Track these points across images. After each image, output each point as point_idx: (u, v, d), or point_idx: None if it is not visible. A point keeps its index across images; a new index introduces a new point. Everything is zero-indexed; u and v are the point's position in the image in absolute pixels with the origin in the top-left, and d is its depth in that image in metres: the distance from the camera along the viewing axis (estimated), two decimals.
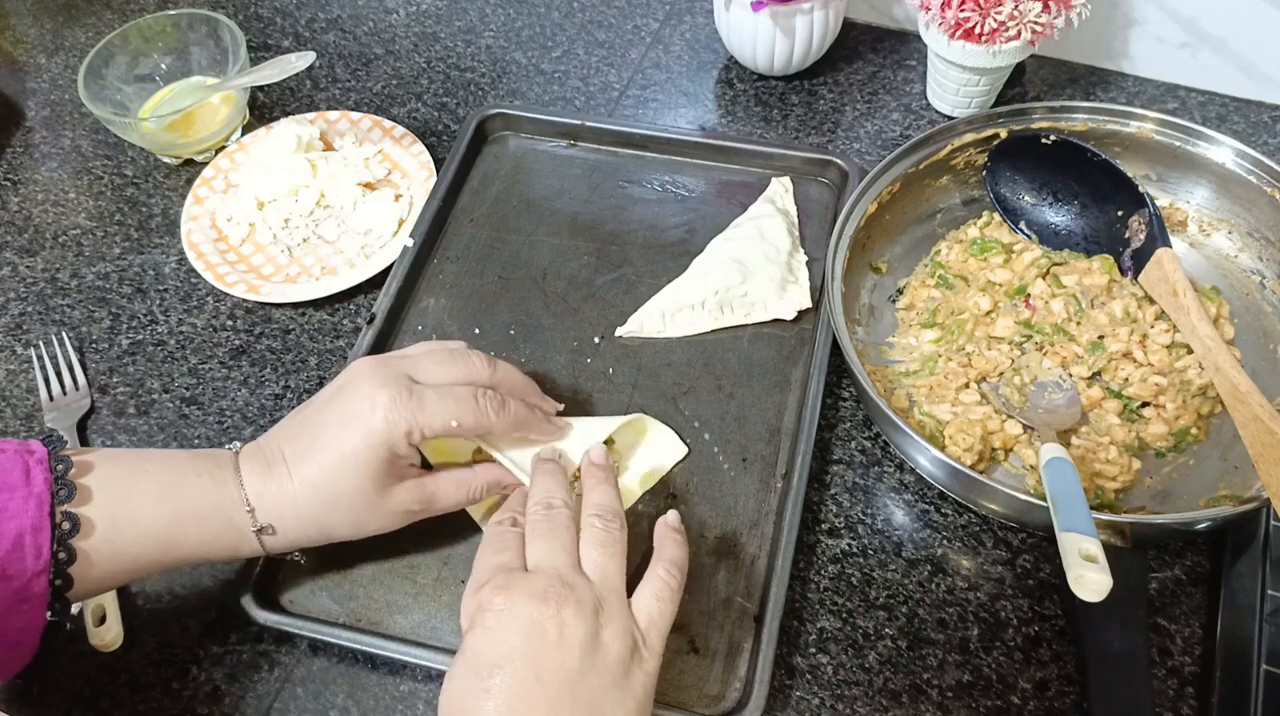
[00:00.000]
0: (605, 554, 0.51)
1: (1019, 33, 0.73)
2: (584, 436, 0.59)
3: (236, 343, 0.73)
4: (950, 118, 0.82)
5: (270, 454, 0.53)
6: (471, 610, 0.49)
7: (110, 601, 0.59)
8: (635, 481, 0.63)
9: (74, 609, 0.59)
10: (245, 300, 0.74)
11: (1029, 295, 0.67)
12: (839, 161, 0.76)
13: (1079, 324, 0.66)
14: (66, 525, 0.48)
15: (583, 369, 0.69)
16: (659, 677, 0.49)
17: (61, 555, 0.48)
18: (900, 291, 0.71)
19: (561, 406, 0.62)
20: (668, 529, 0.54)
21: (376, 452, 0.52)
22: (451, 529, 0.62)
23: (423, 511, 0.56)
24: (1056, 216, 0.71)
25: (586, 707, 0.45)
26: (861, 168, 0.74)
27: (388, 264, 0.73)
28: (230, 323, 0.74)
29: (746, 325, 0.70)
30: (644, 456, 0.63)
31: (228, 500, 0.52)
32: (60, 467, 0.50)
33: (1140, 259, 0.67)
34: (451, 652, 0.56)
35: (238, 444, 0.55)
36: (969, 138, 0.70)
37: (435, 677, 0.58)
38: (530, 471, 0.56)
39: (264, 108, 0.87)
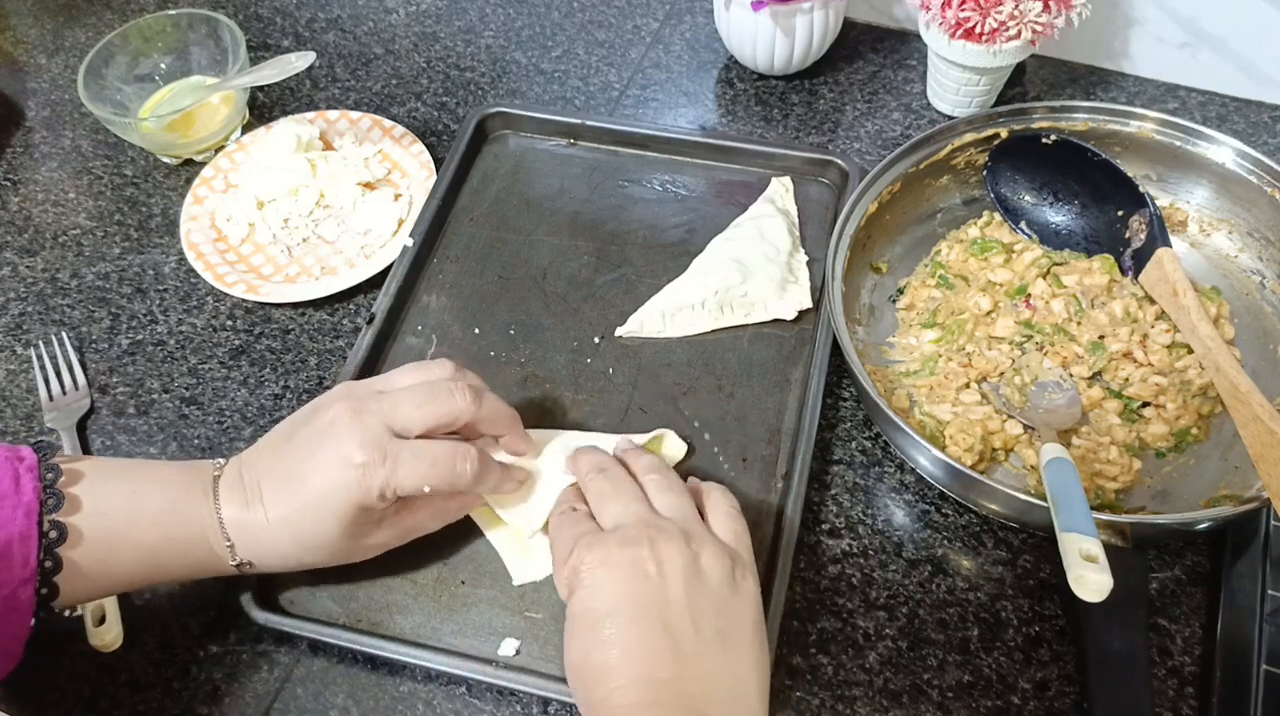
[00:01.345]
0: (674, 494, 0.52)
1: (1019, 32, 0.73)
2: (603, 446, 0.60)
3: (236, 343, 0.73)
4: (950, 117, 0.82)
5: (249, 487, 0.53)
6: (566, 577, 0.49)
7: (110, 601, 0.59)
8: None
9: (77, 611, 0.59)
10: (245, 300, 0.74)
11: (1029, 295, 0.67)
12: (839, 161, 0.76)
13: (1079, 324, 0.66)
14: (54, 534, 0.48)
15: (583, 369, 0.69)
16: None
17: (48, 563, 0.48)
18: (900, 291, 0.71)
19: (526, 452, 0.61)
20: (693, 481, 0.56)
21: (350, 508, 0.52)
22: (452, 529, 0.62)
23: (402, 542, 0.57)
24: (1057, 216, 0.71)
25: (709, 629, 0.46)
26: (861, 167, 0.74)
27: (388, 264, 0.73)
28: (230, 323, 0.74)
29: (746, 325, 0.70)
30: None
31: (210, 536, 0.52)
32: (50, 476, 0.50)
33: (1140, 259, 0.67)
34: (452, 653, 0.56)
35: (222, 461, 0.55)
36: (969, 137, 0.70)
37: (435, 678, 0.58)
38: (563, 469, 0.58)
39: (264, 107, 0.87)
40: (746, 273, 0.69)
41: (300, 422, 0.55)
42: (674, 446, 0.64)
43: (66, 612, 0.59)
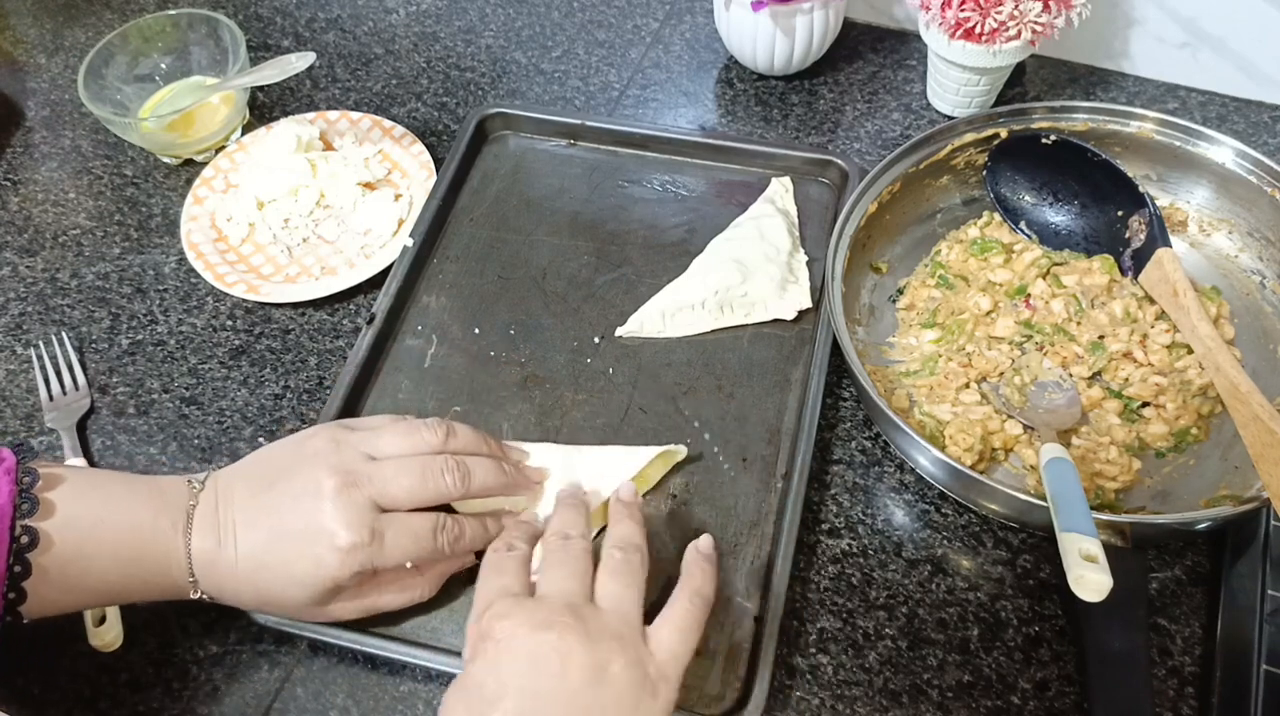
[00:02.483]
0: (621, 583, 0.49)
1: (1019, 32, 0.73)
2: (610, 469, 0.60)
3: (236, 343, 0.73)
4: (950, 117, 0.82)
5: (223, 525, 0.52)
6: (473, 638, 0.47)
7: None
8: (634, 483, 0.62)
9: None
10: (245, 300, 0.74)
11: (1029, 295, 0.67)
12: (839, 161, 0.76)
13: (1079, 324, 0.66)
14: (25, 538, 0.48)
15: (583, 369, 0.69)
16: None
17: (17, 568, 0.48)
18: (900, 291, 0.71)
19: (546, 472, 0.61)
20: (698, 555, 0.52)
21: (322, 584, 0.51)
22: None
23: (363, 616, 0.55)
24: (1057, 216, 0.71)
25: None
26: (861, 168, 0.74)
27: (388, 264, 0.73)
28: (230, 323, 0.74)
29: (746, 325, 0.70)
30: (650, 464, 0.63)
31: (175, 565, 0.52)
32: (27, 480, 0.49)
33: (1140, 259, 0.67)
34: (451, 653, 0.56)
35: (199, 485, 0.53)
36: (969, 137, 0.70)
37: (435, 677, 0.58)
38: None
39: (264, 107, 0.87)
40: (746, 273, 0.69)
41: (284, 468, 0.53)
42: (679, 456, 0.63)
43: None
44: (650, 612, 0.49)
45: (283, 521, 0.51)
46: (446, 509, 0.56)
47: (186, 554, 0.51)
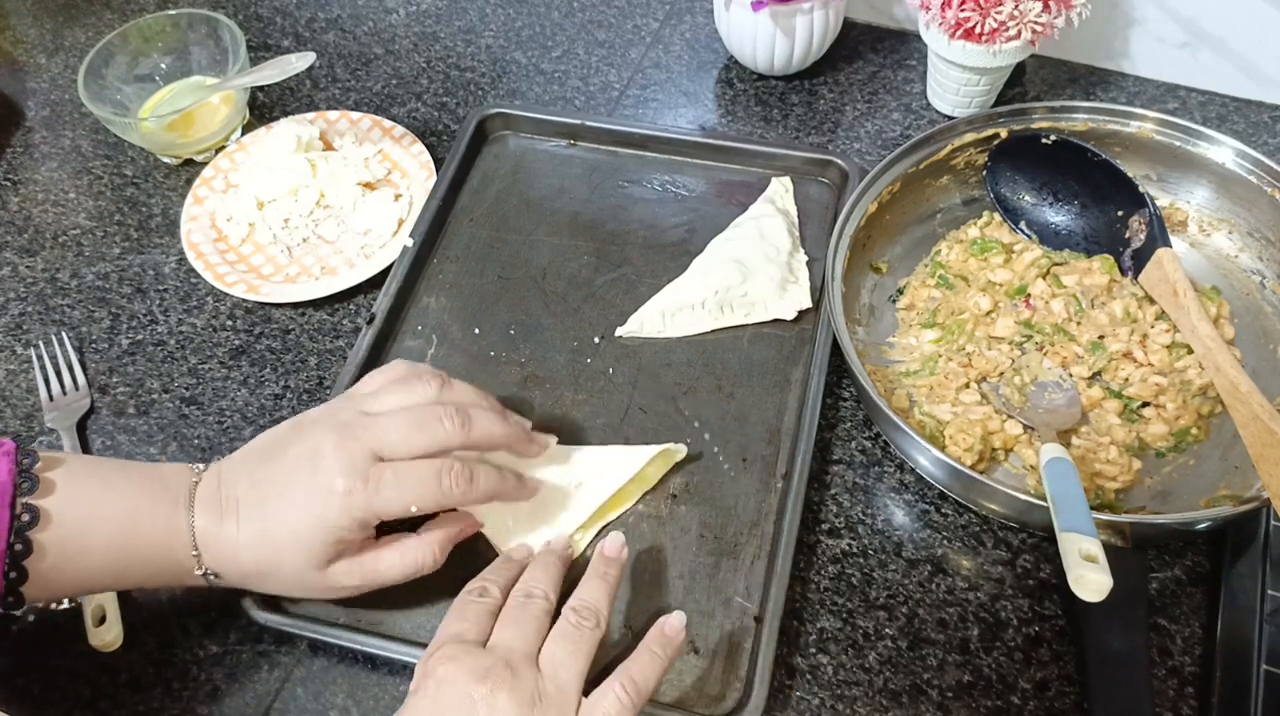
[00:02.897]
0: (566, 650, 0.49)
1: (1019, 32, 0.73)
2: (610, 469, 0.61)
3: (236, 343, 0.73)
4: (950, 117, 0.82)
5: (225, 501, 0.53)
6: (419, 674, 0.48)
7: (110, 601, 0.59)
8: (634, 483, 0.62)
9: (64, 604, 0.59)
10: (245, 300, 0.74)
11: (1029, 295, 0.67)
12: (839, 161, 0.76)
13: (1079, 324, 0.66)
14: (26, 516, 0.48)
15: (583, 369, 0.69)
16: None
17: (18, 546, 0.48)
18: (900, 291, 0.71)
19: (553, 438, 0.61)
20: (657, 634, 0.51)
21: (323, 538, 0.52)
22: None
23: (365, 588, 0.55)
24: (1056, 216, 0.71)
25: None
26: (861, 167, 0.74)
27: (388, 264, 0.73)
28: (230, 323, 0.74)
29: (746, 325, 0.70)
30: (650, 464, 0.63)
31: (178, 542, 0.52)
32: (26, 462, 0.50)
33: (1140, 259, 0.67)
34: None
35: (202, 467, 0.55)
36: (969, 137, 0.70)
37: None
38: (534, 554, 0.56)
39: (264, 107, 0.87)
40: (746, 273, 0.69)
41: (283, 441, 0.54)
42: (679, 455, 0.63)
43: (58, 605, 0.59)
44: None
45: (283, 484, 0.52)
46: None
47: (190, 531, 0.52)
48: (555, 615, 0.51)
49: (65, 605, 0.60)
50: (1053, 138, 0.69)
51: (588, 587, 0.52)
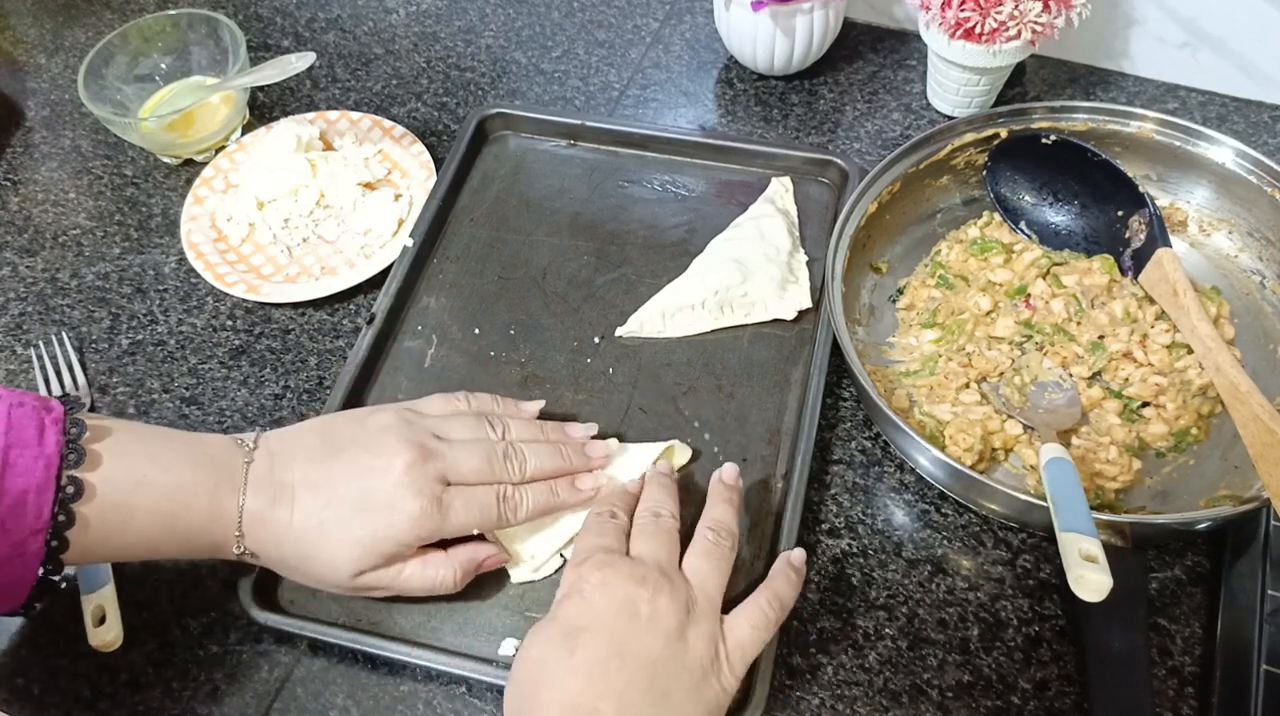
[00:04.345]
0: (709, 563, 0.52)
1: (1019, 32, 0.73)
2: (630, 462, 0.61)
3: (236, 342, 0.73)
4: (950, 117, 0.82)
5: (281, 485, 0.53)
6: (570, 581, 0.50)
7: (110, 601, 0.59)
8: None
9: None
10: (245, 300, 0.74)
11: (1029, 295, 0.67)
12: (839, 161, 0.76)
13: (1079, 324, 0.66)
14: (71, 489, 0.48)
15: (583, 369, 0.69)
16: None
17: (61, 517, 0.48)
18: (900, 291, 0.71)
19: (613, 443, 0.62)
20: (786, 565, 0.54)
21: (381, 550, 0.53)
22: None
23: (381, 594, 0.56)
24: (1056, 216, 0.71)
25: (659, 693, 0.46)
26: (861, 167, 0.74)
27: (388, 264, 0.73)
28: (230, 323, 0.74)
29: (746, 325, 0.70)
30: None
31: (223, 521, 0.52)
32: (74, 431, 0.50)
33: (1140, 259, 0.67)
34: (452, 653, 0.56)
35: (250, 443, 0.55)
36: (969, 137, 0.70)
37: (435, 677, 0.58)
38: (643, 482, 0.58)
39: (264, 107, 0.87)
40: (746, 273, 0.69)
41: (347, 437, 0.55)
42: (680, 454, 0.64)
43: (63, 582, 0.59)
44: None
45: (350, 487, 0.53)
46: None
47: (239, 511, 0.52)
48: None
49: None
50: (1053, 138, 0.69)
51: (718, 509, 0.55)
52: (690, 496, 0.62)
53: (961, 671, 0.57)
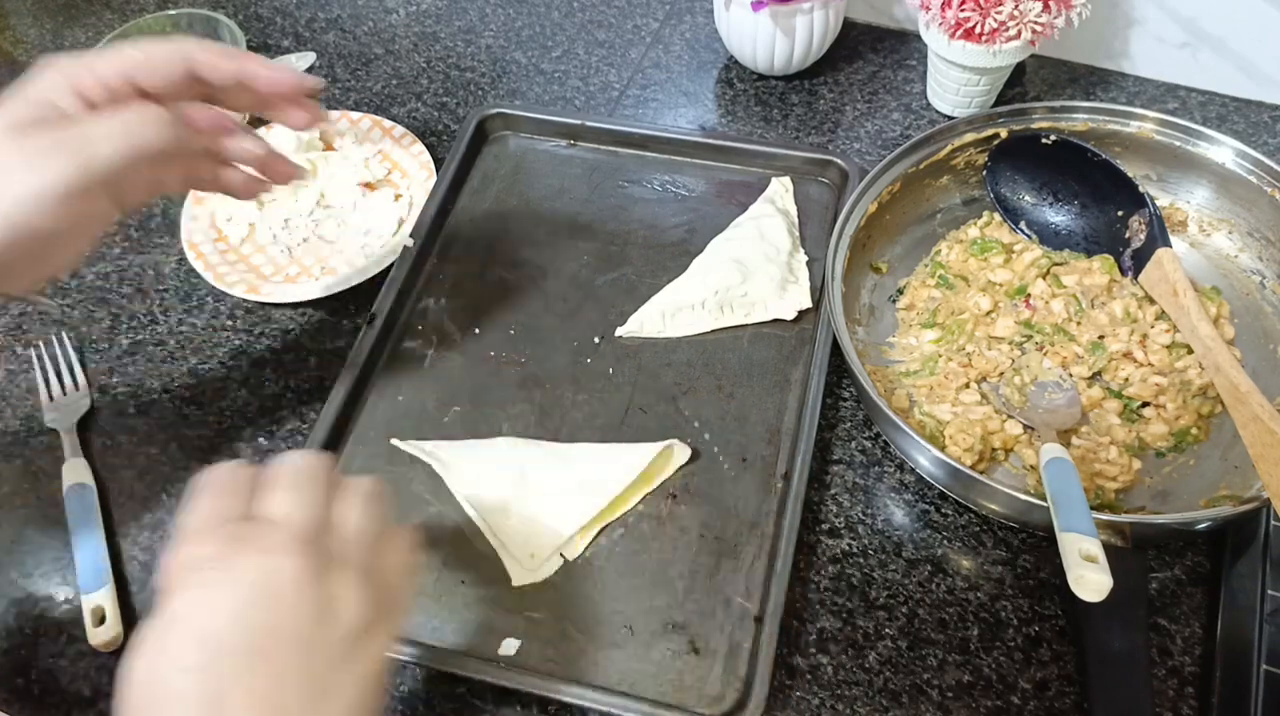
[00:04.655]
0: (362, 512, 0.42)
1: (1019, 32, 0.73)
2: (611, 468, 0.61)
3: (236, 342, 0.73)
4: (950, 117, 0.82)
5: None
6: (175, 567, 0.39)
7: (110, 601, 0.59)
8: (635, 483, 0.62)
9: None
10: (245, 300, 0.74)
11: (1029, 295, 0.67)
12: (839, 161, 0.76)
13: (1079, 324, 0.66)
14: None
15: (583, 369, 0.69)
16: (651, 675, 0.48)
17: None
18: (900, 291, 0.71)
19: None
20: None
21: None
22: (451, 530, 0.62)
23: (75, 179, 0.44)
24: (1056, 216, 0.71)
25: (315, 684, 0.37)
26: (861, 167, 0.74)
27: (388, 264, 0.73)
28: (230, 323, 0.74)
29: (746, 325, 0.70)
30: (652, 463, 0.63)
31: None
32: None
33: (1140, 259, 0.67)
34: (452, 653, 0.56)
35: None
36: (969, 137, 0.70)
37: (435, 678, 0.58)
38: None
39: None
40: (746, 273, 0.69)
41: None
42: (680, 454, 0.64)
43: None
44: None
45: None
46: None
47: None
48: None
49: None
50: (1053, 138, 0.69)
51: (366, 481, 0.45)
52: (690, 496, 0.62)
53: (961, 671, 0.57)
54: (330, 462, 0.44)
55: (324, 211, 0.78)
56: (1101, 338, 0.65)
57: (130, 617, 0.60)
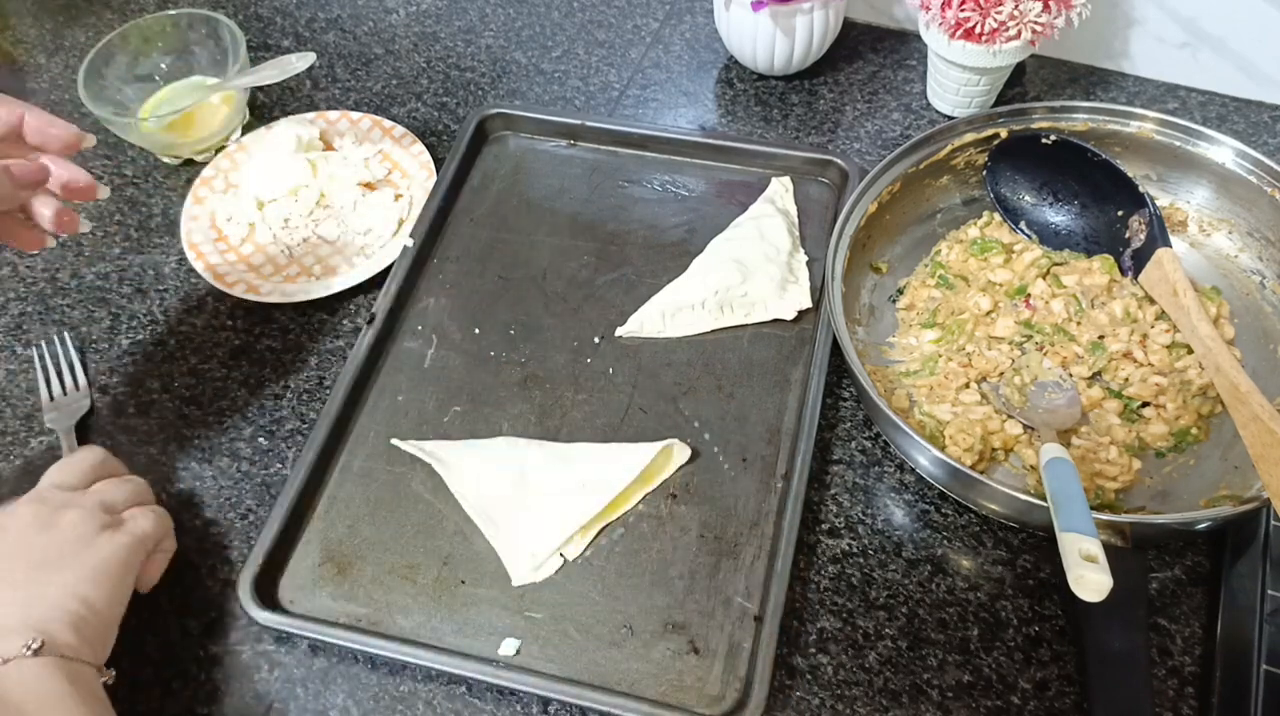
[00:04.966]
0: (108, 483, 0.59)
1: (1019, 32, 0.73)
2: (611, 468, 0.61)
3: (236, 342, 0.73)
4: (950, 117, 0.82)
5: None
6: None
7: None
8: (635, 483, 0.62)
9: None
10: (245, 300, 0.74)
11: (1029, 295, 0.67)
12: (839, 161, 0.76)
13: (1079, 324, 0.66)
14: None
15: (583, 369, 0.69)
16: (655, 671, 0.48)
17: None
18: (900, 291, 0.71)
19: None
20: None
21: None
22: (451, 530, 0.62)
23: None
24: (1056, 216, 0.71)
25: (42, 566, 0.53)
26: (861, 167, 0.74)
27: (388, 264, 0.73)
28: (230, 323, 0.74)
29: (746, 325, 0.70)
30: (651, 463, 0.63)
31: None
32: None
33: (1140, 259, 0.67)
34: (452, 653, 0.56)
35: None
36: (969, 137, 0.70)
37: (435, 677, 0.58)
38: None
39: (264, 107, 0.87)
40: (746, 273, 0.69)
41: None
42: (680, 454, 0.64)
43: None
44: None
45: None
46: None
47: None
48: None
49: None
50: (1053, 138, 0.69)
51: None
52: (690, 496, 0.62)
53: (961, 671, 0.57)
54: (104, 455, 0.61)
55: (324, 211, 0.78)
56: (1101, 338, 0.65)
57: (130, 618, 0.59)
